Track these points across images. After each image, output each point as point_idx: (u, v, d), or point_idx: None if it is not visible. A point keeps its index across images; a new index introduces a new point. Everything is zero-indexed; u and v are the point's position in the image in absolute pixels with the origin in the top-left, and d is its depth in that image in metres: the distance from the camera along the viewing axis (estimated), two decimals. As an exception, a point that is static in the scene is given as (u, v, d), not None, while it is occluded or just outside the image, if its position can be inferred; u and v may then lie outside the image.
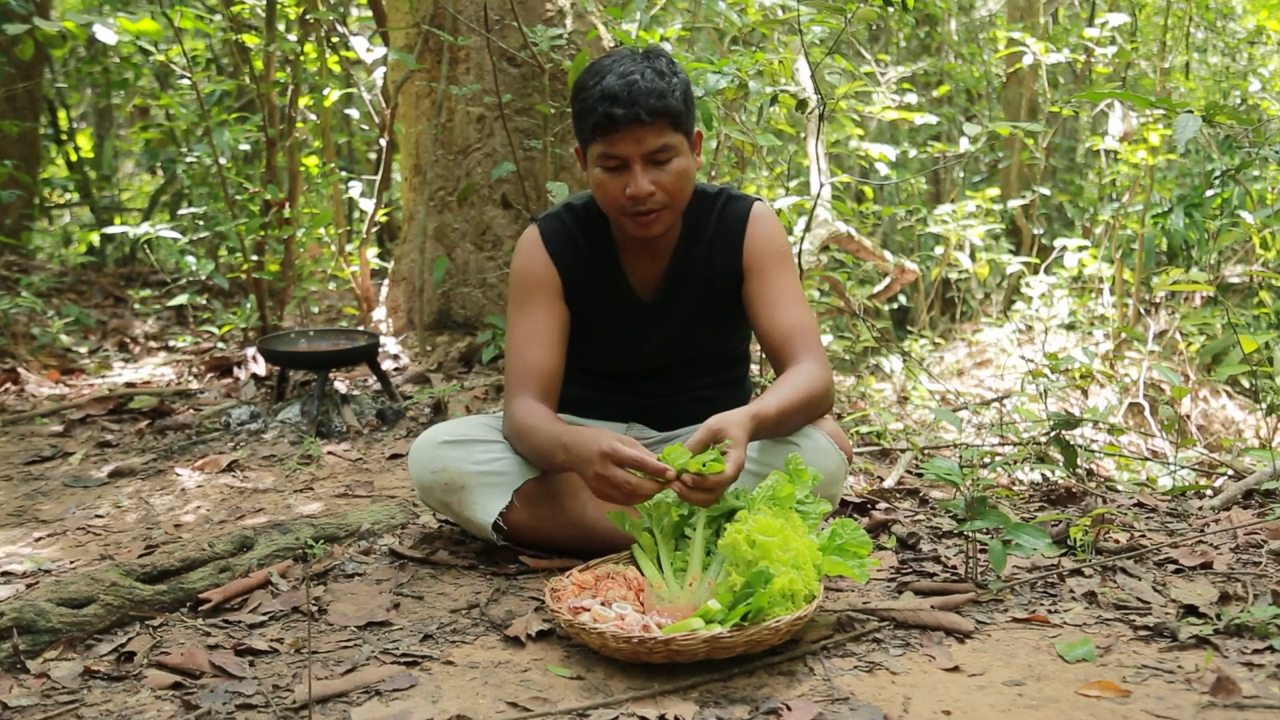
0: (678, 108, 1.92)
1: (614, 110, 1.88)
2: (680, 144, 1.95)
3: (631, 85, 1.88)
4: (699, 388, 2.20)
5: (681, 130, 1.95)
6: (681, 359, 2.17)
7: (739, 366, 2.28)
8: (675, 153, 1.94)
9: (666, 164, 1.93)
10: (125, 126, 7.99)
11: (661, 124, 1.90)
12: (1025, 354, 5.11)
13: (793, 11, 4.08)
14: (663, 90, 1.90)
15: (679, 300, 2.11)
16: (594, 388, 2.22)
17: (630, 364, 2.17)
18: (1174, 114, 2.53)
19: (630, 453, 1.74)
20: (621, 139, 1.90)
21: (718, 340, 2.19)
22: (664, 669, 1.56)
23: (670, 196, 1.95)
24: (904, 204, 6.45)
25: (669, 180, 1.94)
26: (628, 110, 1.88)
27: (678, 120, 1.93)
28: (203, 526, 2.35)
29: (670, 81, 1.92)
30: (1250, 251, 5.03)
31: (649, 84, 1.89)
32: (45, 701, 1.49)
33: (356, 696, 1.49)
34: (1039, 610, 1.79)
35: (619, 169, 1.93)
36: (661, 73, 1.92)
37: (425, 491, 2.02)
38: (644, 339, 2.13)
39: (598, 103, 1.89)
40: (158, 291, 5.58)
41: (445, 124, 4.04)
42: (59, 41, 3.90)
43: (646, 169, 1.92)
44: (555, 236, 2.09)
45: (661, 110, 1.89)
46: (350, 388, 3.58)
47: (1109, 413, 3.67)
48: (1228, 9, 6.91)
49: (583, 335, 2.15)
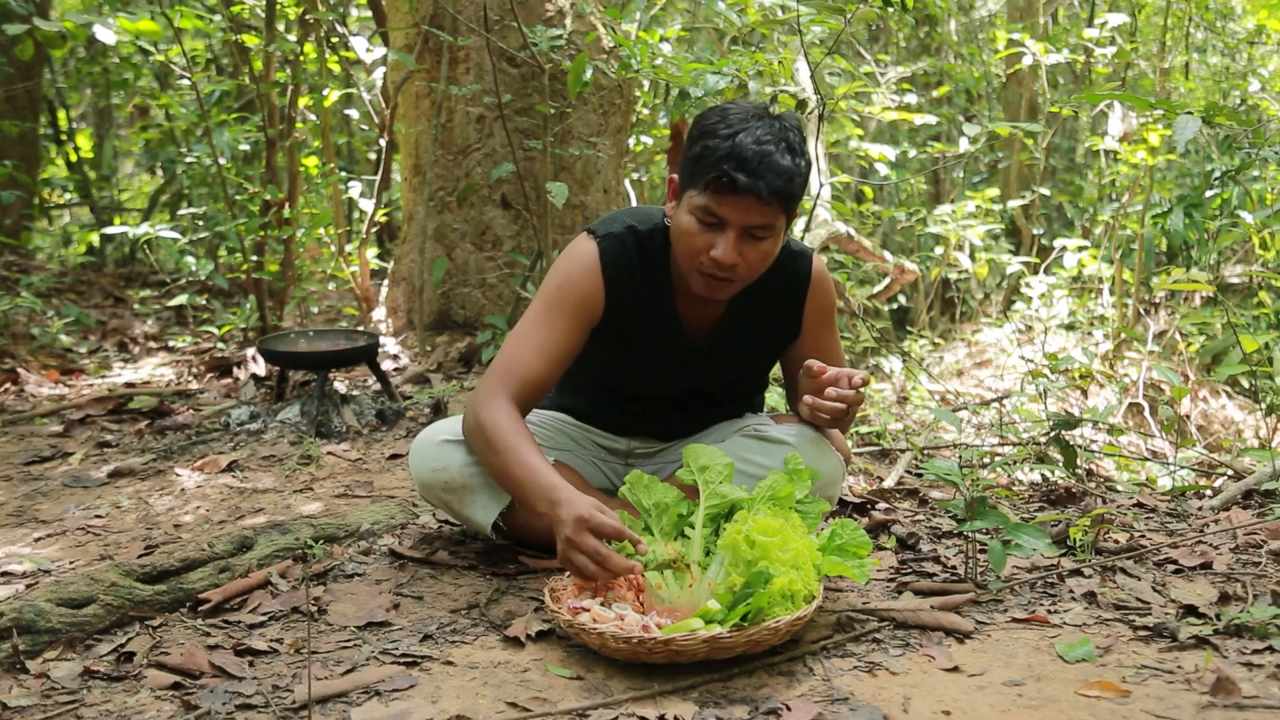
0: (797, 194, 1.86)
1: (738, 176, 1.79)
2: (781, 225, 1.88)
3: (765, 157, 1.80)
4: (722, 412, 2.20)
5: (787, 213, 1.88)
6: (715, 391, 2.16)
7: (763, 389, 2.29)
8: (774, 233, 1.87)
9: (761, 241, 1.86)
10: (125, 126, 7.99)
11: (776, 206, 1.83)
12: (1025, 354, 5.12)
13: (792, 11, 4.08)
14: (791, 173, 1.82)
15: (729, 346, 2.08)
16: (608, 404, 2.20)
17: (660, 391, 2.14)
18: (1174, 114, 2.53)
19: (609, 525, 1.67)
20: (733, 204, 1.82)
21: (754, 377, 2.20)
22: (664, 669, 1.56)
23: (750, 272, 1.89)
24: (904, 204, 6.45)
25: (755, 257, 1.87)
26: (751, 181, 1.79)
27: (789, 205, 1.86)
28: (202, 527, 2.35)
29: (798, 164, 1.84)
30: (1250, 251, 5.03)
31: (782, 162, 1.81)
32: (45, 701, 1.49)
33: (356, 696, 1.49)
34: (1039, 610, 1.79)
35: (713, 227, 1.85)
36: (794, 150, 1.84)
37: (425, 490, 2.02)
38: (683, 374, 2.10)
39: (724, 159, 1.79)
40: (157, 291, 5.58)
41: (445, 124, 4.04)
42: (59, 41, 3.90)
43: (741, 239, 1.84)
44: (614, 261, 1.98)
45: (783, 193, 1.82)
46: (350, 388, 3.57)
47: (1109, 413, 3.67)
48: (1228, 9, 6.91)
49: (615, 357, 2.09)
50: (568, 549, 1.67)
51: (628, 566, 1.65)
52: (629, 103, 4.22)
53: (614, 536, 1.66)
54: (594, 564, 1.65)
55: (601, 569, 1.65)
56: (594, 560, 1.65)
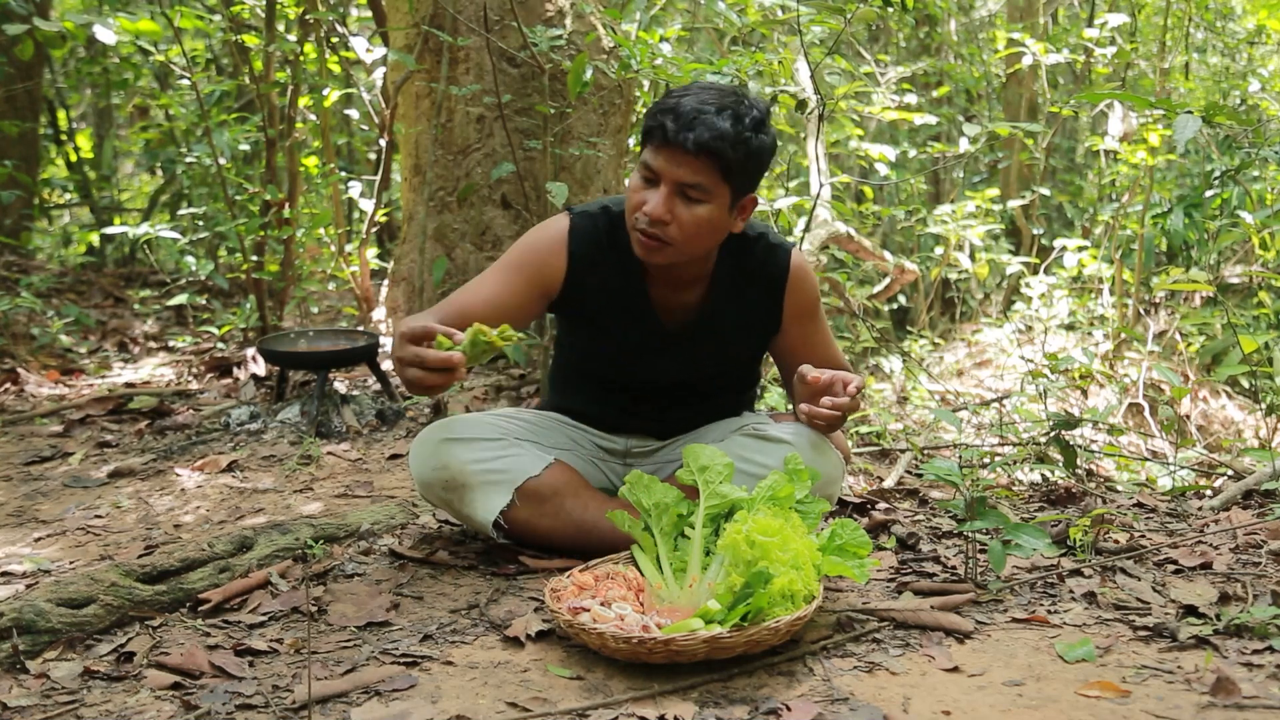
0: (730, 157, 1.84)
1: (668, 124, 1.83)
2: (718, 194, 1.87)
3: (700, 113, 1.82)
4: (711, 406, 2.20)
5: (728, 183, 1.87)
6: (699, 382, 2.16)
7: (751, 388, 2.29)
8: (707, 198, 1.86)
9: (694, 204, 1.86)
10: (125, 126, 7.98)
11: (705, 163, 1.83)
12: (1025, 354, 5.12)
13: (792, 11, 4.08)
14: (725, 134, 1.82)
15: (707, 335, 2.08)
16: (599, 401, 2.20)
17: (644, 380, 2.15)
18: (1174, 114, 2.53)
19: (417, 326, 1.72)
20: (665, 156, 1.85)
21: (738, 369, 2.20)
22: (664, 669, 1.56)
23: (682, 237, 1.88)
24: (904, 204, 6.45)
25: (689, 220, 1.86)
26: (678, 130, 1.82)
27: (726, 170, 1.85)
28: (202, 527, 2.35)
29: (740, 132, 1.84)
30: (1250, 251, 5.03)
31: (718, 124, 1.82)
32: (45, 702, 1.49)
33: (356, 697, 1.49)
34: (1039, 610, 1.79)
35: (651, 183, 1.88)
36: (740, 119, 1.84)
37: (426, 489, 2.02)
38: (661, 360, 2.10)
39: (661, 112, 1.85)
40: (157, 292, 5.58)
41: (445, 124, 4.04)
42: (59, 42, 3.90)
43: (673, 196, 1.86)
44: (582, 237, 2.02)
45: (710, 150, 1.82)
46: (350, 388, 3.58)
47: (1109, 413, 3.67)
48: (1227, 9, 6.91)
49: (591, 338, 2.12)
50: (397, 369, 1.74)
51: (443, 358, 1.69)
52: (629, 103, 4.22)
53: (424, 335, 1.71)
54: (417, 367, 1.70)
55: (423, 369, 1.69)
56: (414, 363, 1.69)
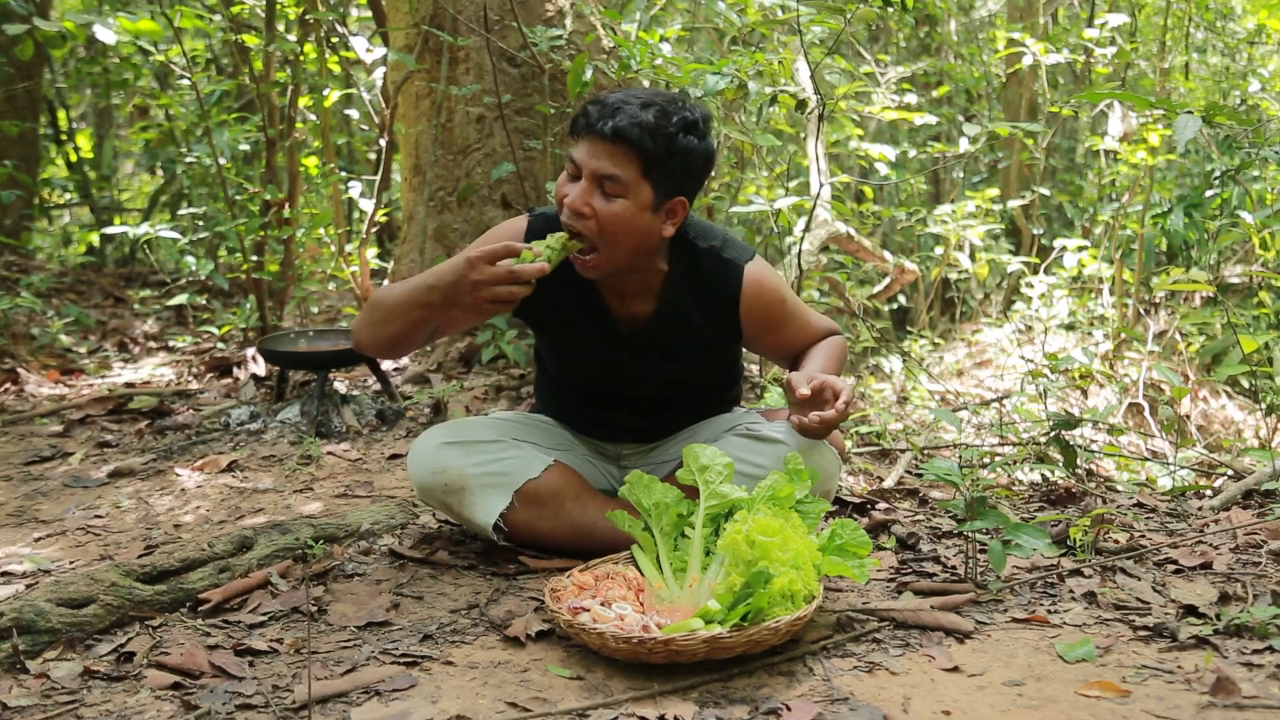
0: (648, 149, 1.79)
1: (591, 111, 1.82)
2: (638, 190, 1.82)
3: (622, 105, 1.80)
4: (688, 412, 2.19)
5: (647, 178, 1.82)
6: (671, 389, 2.15)
7: (732, 387, 2.26)
8: (625, 192, 1.81)
9: (611, 198, 1.81)
10: (125, 126, 7.98)
11: (622, 151, 1.79)
12: (1025, 354, 5.11)
13: (792, 11, 4.08)
14: (647, 126, 1.78)
15: (665, 341, 2.04)
16: (578, 409, 2.20)
17: (615, 387, 2.13)
18: (1174, 114, 2.53)
19: (495, 246, 1.75)
20: (584, 146, 1.83)
21: (707, 377, 2.18)
22: (664, 669, 1.56)
23: (600, 232, 1.82)
24: (904, 204, 6.44)
25: (606, 215, 1.81)
26: (596, 119, 1.80)
27: (646, 163, 1.80)
28: (202, 526, 2.35)
29: (665, 129, 1.80)
30: (1250, 251, 5.03)
31: (639, 114, 1.79)
32: (45, 701, 1.49)
33: (356, 696, 1.49)
34: (1039, 610, 1.79)
35: (575, 178, 1.85)
36: (667, 116, 1.80)
37: (425, 493, 2.02)
38: (627, 368, 2.08)
39: (589, 104, 1.84)
40: (157, 291, 5.58)
41: (445, 124, 4.04)
42: (59, 41, 3.89)
43: (592, 188, 1.82)
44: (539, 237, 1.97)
45: (626, 137, 1.78)
46: (350, 388, 3.58)
47: (1109, 413, 3.67)
48: (1228, 9, 6.90)
49: (559, 348, 2.13)
50: (477, 289, 1.74)
51: (537, 269, 1.74)
52: (629, 103, 4.22)
53: (506, 254, 1.73)
54: (508, 283, 1.72)
55: (516, 282, 1.73)
56: (507, 280, 1.72)
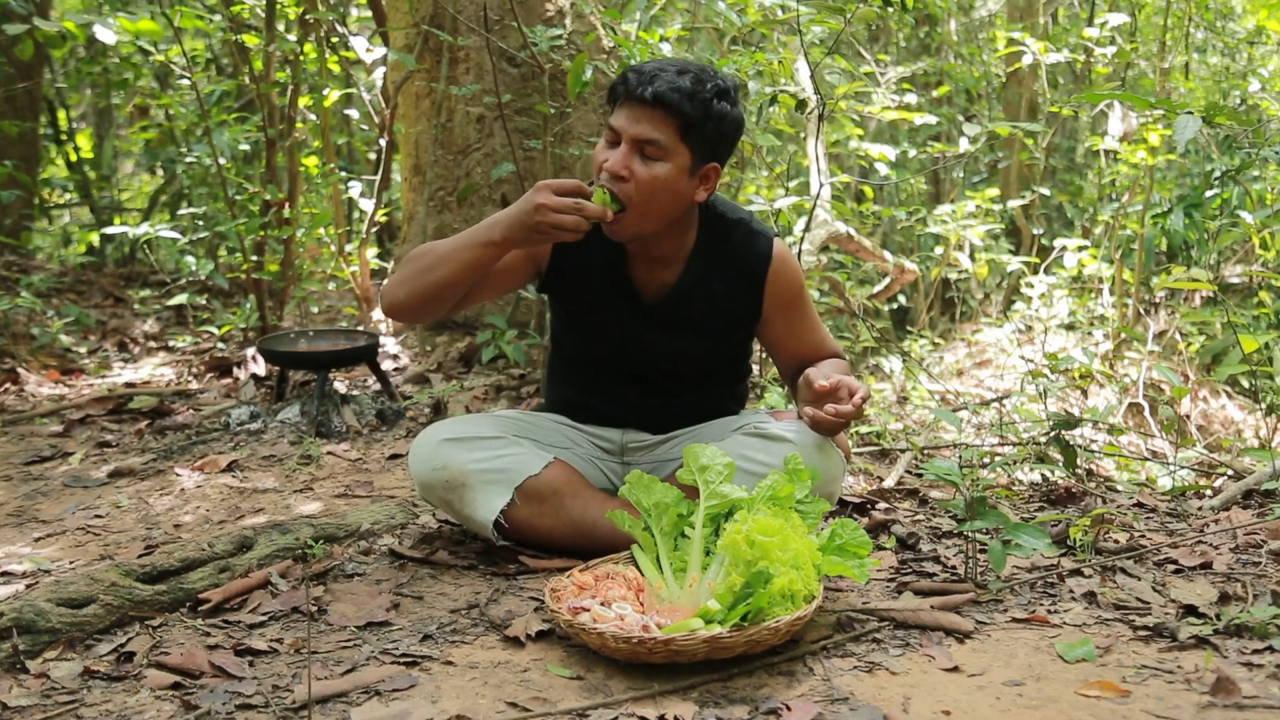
0: (689, 114, 1.86)
1: (630, 78, 1.88)
2: (676, 154, 1.89)
3: (659, 72, 1.87)
4: (699, 397, 2.20)
5: (686, 142, 1.89)
6: (684, 368, 2.16)
7: (741, 379, 2.28)
8: (665, 155, 1.88)
9: (652, 161, 1.88)
10: (125, 126, 7.98)
11: (662, 116, 1.86)
12: (1025, 354, 5.11)
13: (792, 11, 4.08)
14: (685, 91, 1.85)
15: (686, 314, 2.09)
16: (590, 390, 2.21)
17: (629, 364, 2.15)
18: (1174, 114, 2.53)
19: (566, 180, 1.85)
20: (624, 113, 1.89)
21: (722, 355, 2.19)
22: (664, 669, 1.56)
23: (638, 195, 1.89)
24: (904, 204, 6.44)
25: (646, 178, 1.88)
26: (636, 86, 1.86)
27: (686, 127, 1.88)
28: (202, 526, 2.35)
29: (702, 94, 1.87)
30: (1250, 251, 5.03)
31: (677, 80, 1.86)
32: (45, 701, 1.49)
33: (356, 696, 1.49)
34: (1039, 610, 1.79)
35: (614, 145, 1.92)
36: (702, 82, 1.88)
37: (426, 489, 2.02)
38: (644, 341, 2.11)
39: (626, 72, 1.90)
40: (157, 291, 5.57)
41: (445, 124, 4.04)
42: (59, 41, 3.90)
43: (632, 153, 1.89)
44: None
45: (665, 102, 1.85)
46: (350, 388, 3.58)
47: (1109, 413, 3.67)
48: (1228, 9, 6.90)
49: (576, 321, 2.15)
50: (543, 212, 1.81)
51: (601, 210, 1.84)
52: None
53: (576, 190, 1.84)
54: (572, 213, 1.82)
55: (579, 215, 1.82)
56: (572, 210, 1.82)
